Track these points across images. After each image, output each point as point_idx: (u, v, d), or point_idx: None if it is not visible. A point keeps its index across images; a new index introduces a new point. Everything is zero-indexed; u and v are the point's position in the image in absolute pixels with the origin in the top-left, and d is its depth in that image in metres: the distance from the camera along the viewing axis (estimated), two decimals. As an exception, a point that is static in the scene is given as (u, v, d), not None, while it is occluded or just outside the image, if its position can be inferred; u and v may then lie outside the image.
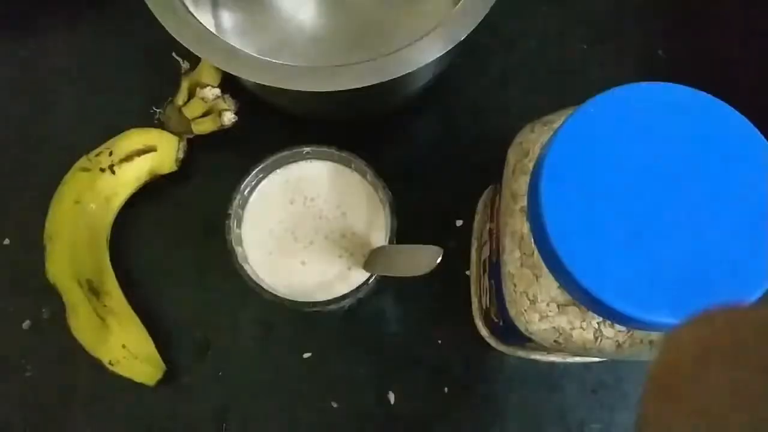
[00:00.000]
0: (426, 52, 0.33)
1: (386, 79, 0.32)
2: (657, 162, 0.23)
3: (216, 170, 0.41)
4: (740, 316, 0.11)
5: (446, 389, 0.38)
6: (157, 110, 0.40)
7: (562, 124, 0.24)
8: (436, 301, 0.39)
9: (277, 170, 0.33)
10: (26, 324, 0.38)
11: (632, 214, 0.23)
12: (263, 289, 0.30)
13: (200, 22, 0.33)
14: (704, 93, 0.24)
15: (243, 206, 0.33)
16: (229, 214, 0.31)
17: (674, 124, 0.24)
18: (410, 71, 0.32)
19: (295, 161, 0.34)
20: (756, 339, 0.10)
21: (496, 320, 0.33)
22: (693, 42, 0.45)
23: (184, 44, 0.32)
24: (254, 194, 0.33)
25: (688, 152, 0.23)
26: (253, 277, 0.31)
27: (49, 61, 0.44)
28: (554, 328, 0.26)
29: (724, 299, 0.21)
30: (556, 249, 0.22)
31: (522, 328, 0.27)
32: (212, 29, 0.39)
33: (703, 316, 0.11)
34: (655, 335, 0.25)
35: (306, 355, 0.38)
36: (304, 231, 0.33)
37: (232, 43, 0.34)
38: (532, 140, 0.28)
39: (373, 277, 0.32)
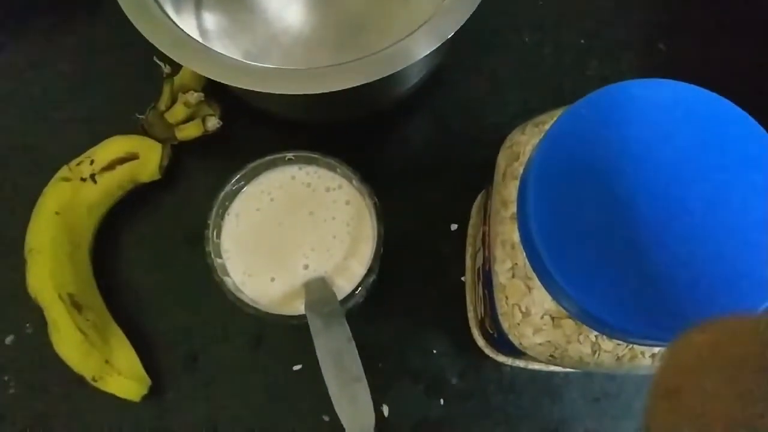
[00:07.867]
0: (413, 51, 0.31)
1: (372, 80, 0.31)
2: (654, 166, 0.22)
3: (201, 177, 0.40)
4: (743, 323, 0.11)
5: (442, 401, 0.36)
6: (140, 116, 0.39)
7: (551, 126, 0.22)
8: (432, 309, 0.38)
9: (258, 177, 0.32)
10: (9, 339, 0.37)
11: (628, 222, 0.21)
12: (244, 303, 0.29)
13: (177, 26, 0.32)
14: (701, 88, 0.22)
15: (222, 216, 0.31)
16: (209, 224, 0.30)
17: (670, 123, 0.22)
18: (398, 70, 0.31)
19: (277, 167, 0.32)
20: (756, 345, 0.10)
21: (491, 331, 0.31)
22: (696, 35, 0.43)
23: (159, 48, 0.31)
24: (235, 203, 0.32)
25: (686, 154, 0.22)
26: (233, 290, 0.29)
27: (29, 70, 0.43)
28: (549, 342, 0.25)
29: (725, 311, 0.20)
30: (546, 261, 0.21)
31: (516, 343, 0.26)
32: (196, 32, 0.38)
33: (707, 323, 0.12)
34: (656, 348, 0.24)
35: (296, 368, 0.37)
36: (288, 239, 0.31)
37: (217, 46, 0.32)
38: (523, 143, 0.26)
39: (360, 287, 0.30)
